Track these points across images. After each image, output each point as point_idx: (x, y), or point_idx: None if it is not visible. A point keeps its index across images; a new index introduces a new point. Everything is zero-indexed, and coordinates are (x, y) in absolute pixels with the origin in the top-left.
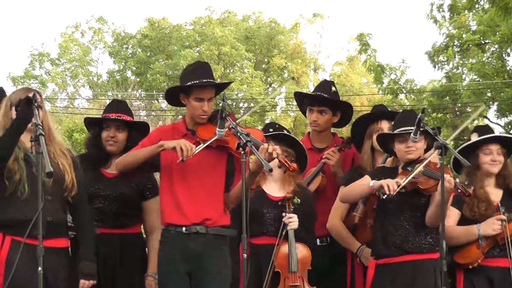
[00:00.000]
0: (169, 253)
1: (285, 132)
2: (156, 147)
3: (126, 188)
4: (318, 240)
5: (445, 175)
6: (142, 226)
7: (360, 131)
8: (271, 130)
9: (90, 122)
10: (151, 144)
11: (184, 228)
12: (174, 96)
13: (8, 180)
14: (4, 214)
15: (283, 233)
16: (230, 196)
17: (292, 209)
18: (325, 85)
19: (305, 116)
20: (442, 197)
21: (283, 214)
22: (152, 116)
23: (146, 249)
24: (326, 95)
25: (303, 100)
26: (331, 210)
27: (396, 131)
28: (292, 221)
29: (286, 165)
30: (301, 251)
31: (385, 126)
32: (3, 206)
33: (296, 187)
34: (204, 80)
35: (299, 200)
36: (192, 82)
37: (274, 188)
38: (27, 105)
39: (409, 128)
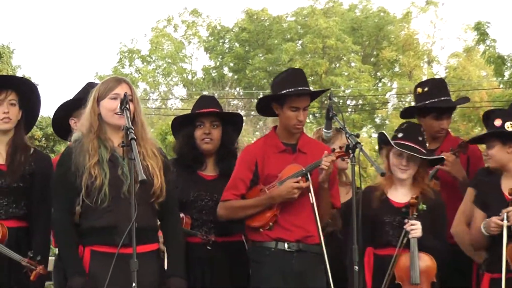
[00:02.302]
0: (268, 271)
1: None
2: (269, 200)
3: None
4: None
5: None
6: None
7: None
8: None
9: (182, 121)
10: (249, 170)
11: (286, 245)
12: (266, 106)
13: (89, 188)
14: (81, 223)
15: (404, 241)
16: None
17: (415, 216)
18: (444, 87)
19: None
20: None
21: (405, 220)
22: (251, 116)
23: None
24: (449, 98)
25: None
26: (456, 214)
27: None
28: (414, 228)
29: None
30: (425, 261)
31: None
32: (81, 213)
33: (425, 190)
34: (299, 88)
35: (424, 206)
36: (287, 90)
37: (398, 194)
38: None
39: (484, 133)
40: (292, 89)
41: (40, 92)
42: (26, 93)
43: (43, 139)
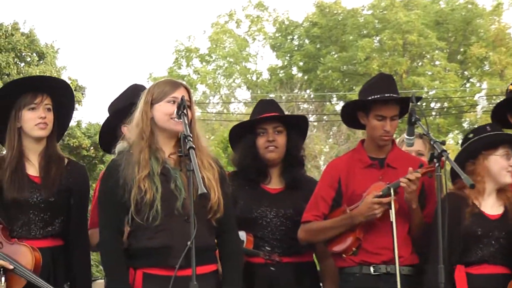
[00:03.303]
0: None
1: None
2: (349, 220)
3: (297, 204)
4: None
5: None
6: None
7: None
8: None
9: (241, 129)
10: (331, 187)
11: (372, 269)
12: (352, 115)
13: (139, 204)
14: (131, 243)
15: None
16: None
17: None
18: None
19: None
20: None
21: None
22: (323, 122)
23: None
24: None
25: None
26: None
27: None
28: None
29: None
30: None
31: None
32: (131, 233)
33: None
34: (386, 95)
35: None
36: (372, 96)
37: (487, 205)
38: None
39: None
40: (378, 96)
41: (88, 96)
42: (59, 96)
43: (92, 148)
